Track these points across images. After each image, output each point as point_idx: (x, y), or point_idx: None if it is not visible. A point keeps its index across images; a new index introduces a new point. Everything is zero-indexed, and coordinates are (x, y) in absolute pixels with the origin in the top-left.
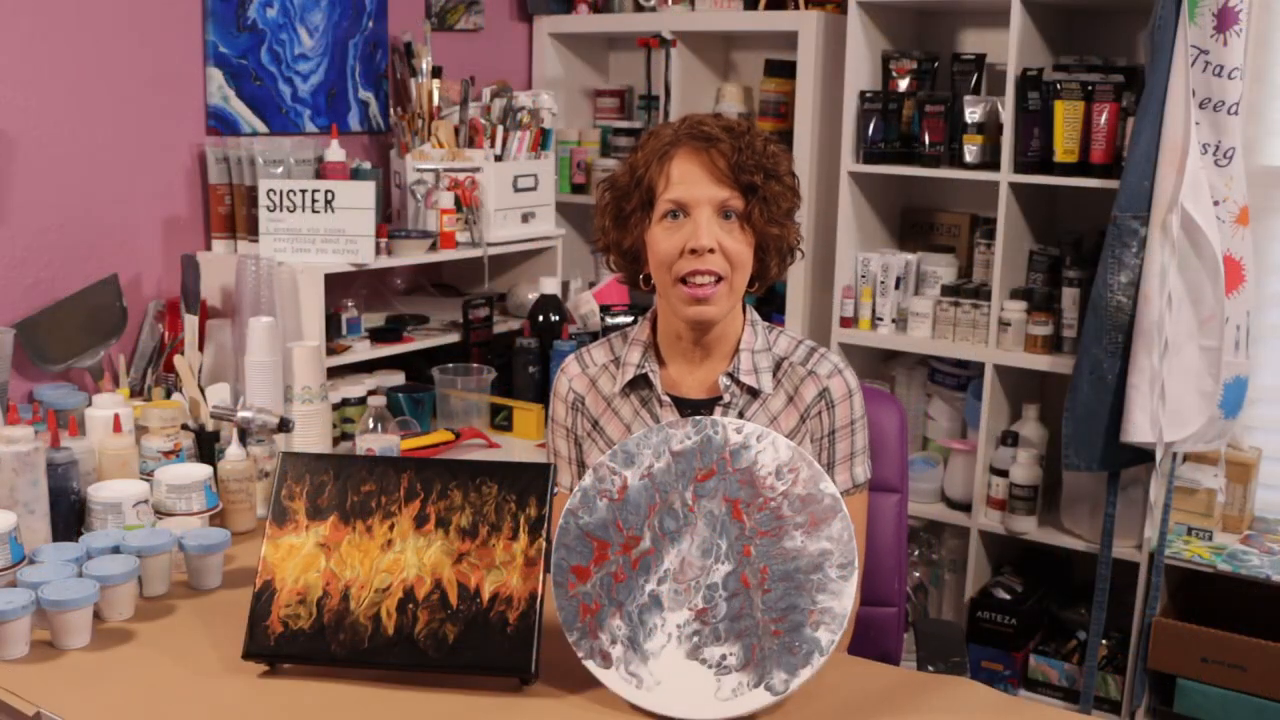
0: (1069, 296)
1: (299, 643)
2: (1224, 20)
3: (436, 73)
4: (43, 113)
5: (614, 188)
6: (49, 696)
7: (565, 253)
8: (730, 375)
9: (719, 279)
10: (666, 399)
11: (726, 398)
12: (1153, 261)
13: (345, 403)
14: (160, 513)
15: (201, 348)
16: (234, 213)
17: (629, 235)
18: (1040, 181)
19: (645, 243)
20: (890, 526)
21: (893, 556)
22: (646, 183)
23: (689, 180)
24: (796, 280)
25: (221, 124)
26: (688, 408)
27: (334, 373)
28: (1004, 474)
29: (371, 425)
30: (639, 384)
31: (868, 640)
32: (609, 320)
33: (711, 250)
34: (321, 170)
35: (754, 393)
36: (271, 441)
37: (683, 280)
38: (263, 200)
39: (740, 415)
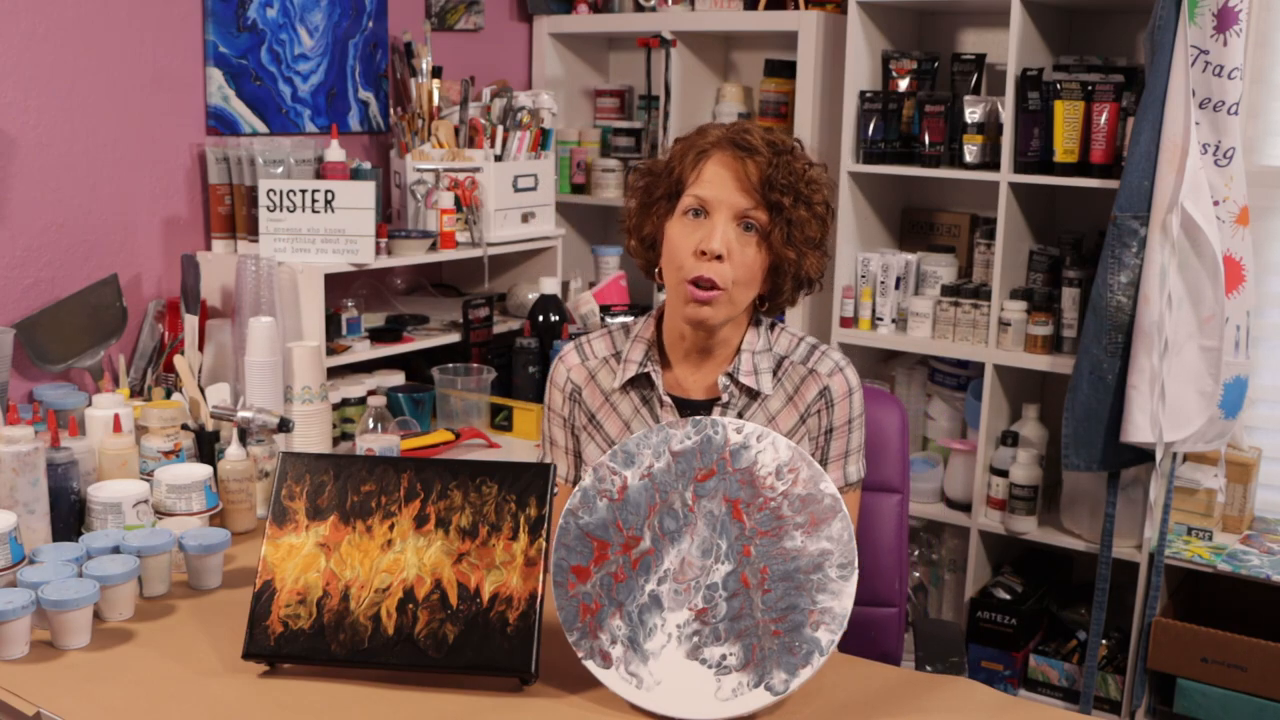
0: (1069, 296)
1: (299, 643)
2: (1224, 20)
3: (436, 73)
4: (43, 113)
5: (648, 174)
6: (49, 696)
7: (565, 253)
8: (729, 376)
9: (720, 289)
10: (667, 399)
11: (725, 398)
12: (1153, 261)
13: (345, 403)
14: (160, 513)
15: (201, 348)
16: (234, 213)
17: (650, 222)
18: (1040, 181)
19: (663, 233)
20: (891, 527)
21: (893, 556)
22: (678, 174)
23: (716, 182)
24: None
25: (221, 124)
26: (687, 408)
27: (334, 373)
28: (1004, 474)
29: (371, 425)
30: (640, 382)
31: (867, 640)
32: (609, 320)
33: (719, 257)
34: (321, 170)
35: (753, 393)
36: (271, 441)
37: (688, 280)
38: (263, 200)
39: (739, 416)
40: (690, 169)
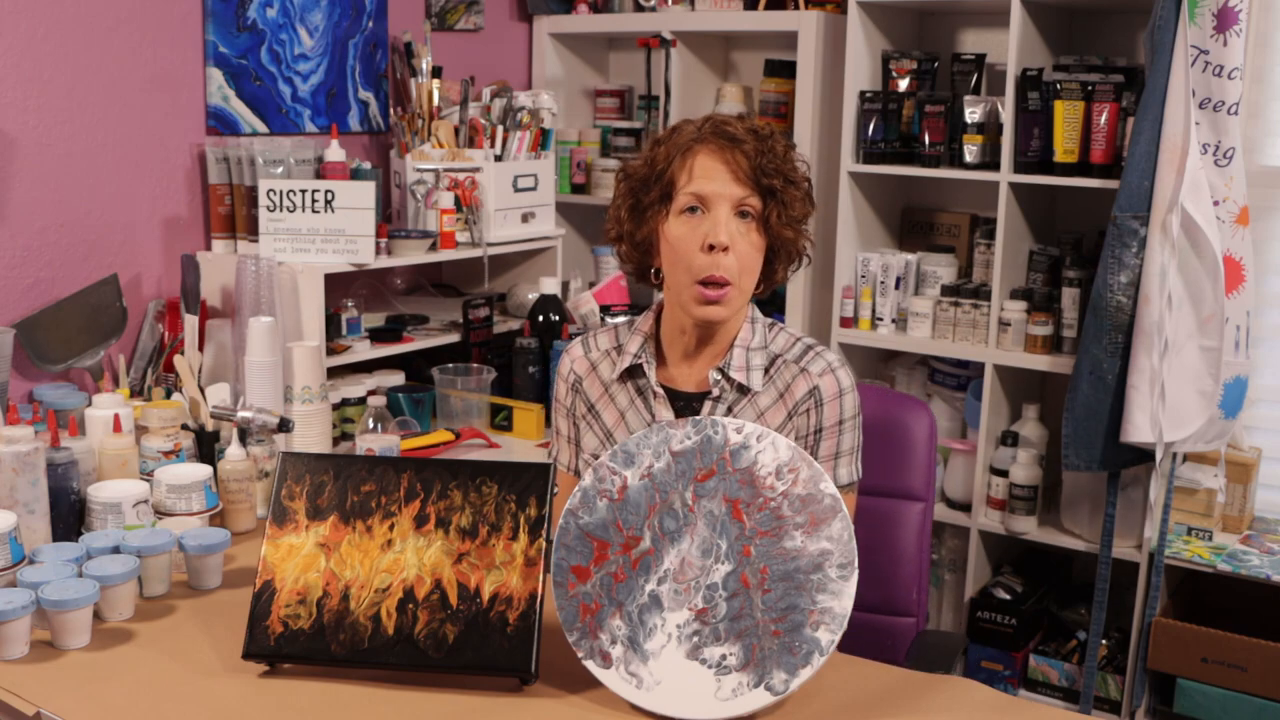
0: (1069, 296)
1: (299, 643)
2: (1224, 20)
3: (436, 73)
4: (43, 113)
5: (631, 178)
6: (49, 696)
7: (565, 253)
8: (721, 370)
9: (730, 283)
10: (660, 390)
11: (716, 392)
12: (1153, 261)
13: (345, 403)
14: (160, 513)
15: (201, 348)
16: (234, 213)
17: (644, 226)
18: (1040, 181)
19: (660, 235)
20: (912, 535)
21: (913, 565)
22: (668, 176)
23: (711, 176)
24: (796, 280)
25: (221, 124)
26: (680, 400)
27: (334, 373)
28: (1004, 474)
29: (371, 425)
30: (635, 373)
31: (881, 650)
32: (609, 320)
33: (726, 249)
34: (321, 170)
35: (743, 389)
36: (271, 441)
37: (698, 281)
38: (263, 200)
39: (729, 410)
40: (680, 168)
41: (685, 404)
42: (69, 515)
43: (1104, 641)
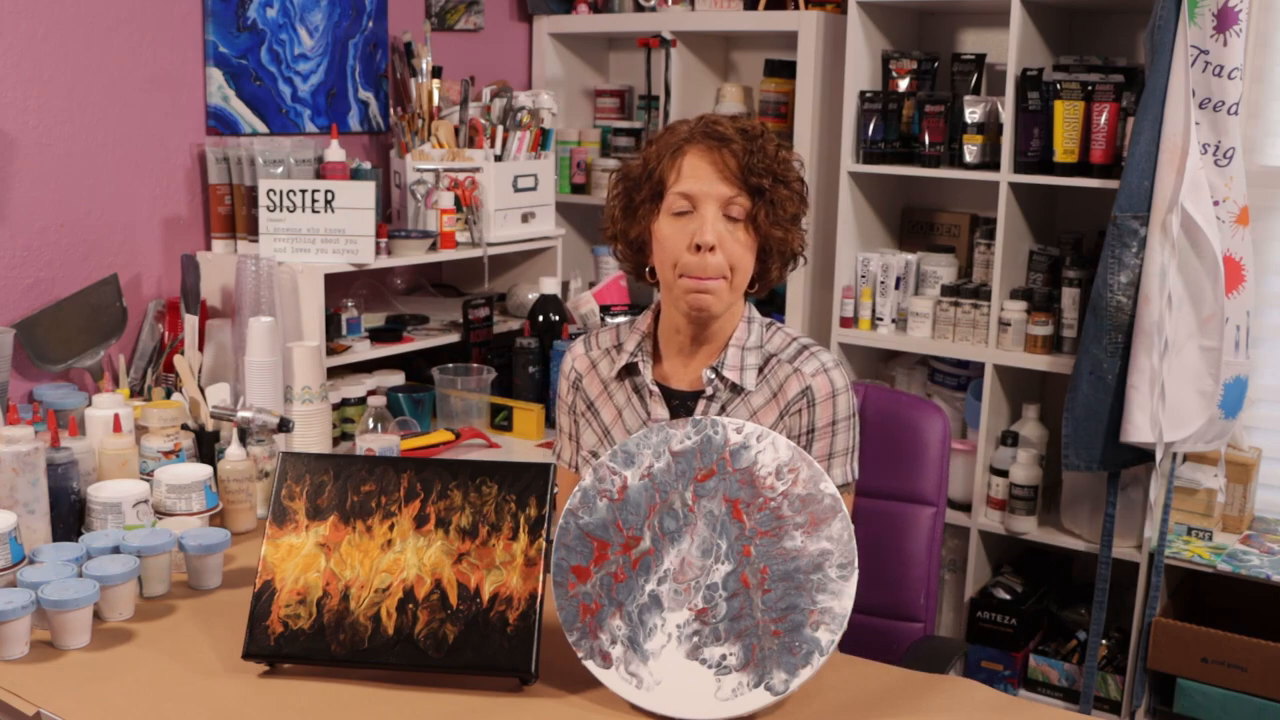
0: (1069, 296)
1: (299, 643)
2: (1224, 20)
3: (436, 73)
4: (43, 113)
5: (626, 178)
6: (49, 696)
7: (565, 253)
8: (714, 369)
9: (719, 277)
10: (655, 389)
11: (709, 390)
12: (1153, 261)
13: (345, 403)
14: (160, 513)
15: (201, 348)
16: (234, 213)
17: (636, 225)
18: (1040, 181)
19: (651, 234)
20: (923, 540)
21: (922, 569)
22: (658, 175)
23: (699, 176)
24: (796, 280)
25: (221, 124)
26: (674, 398)
27: (334, 373)
28: (1004, 474)
29: (371, 425)
30: (632, 371)
31: (887, 654)
32: (609, 320)
33: (713, 249)
34: (321, 170)
35: (737, 388)
36: (271, 441)
37: (685, 275)
38: (263, 200)
39: (722, 409)
40: (670, 168)
41: (680, 402)
42: (69, 515)
43: (1104, 641)
